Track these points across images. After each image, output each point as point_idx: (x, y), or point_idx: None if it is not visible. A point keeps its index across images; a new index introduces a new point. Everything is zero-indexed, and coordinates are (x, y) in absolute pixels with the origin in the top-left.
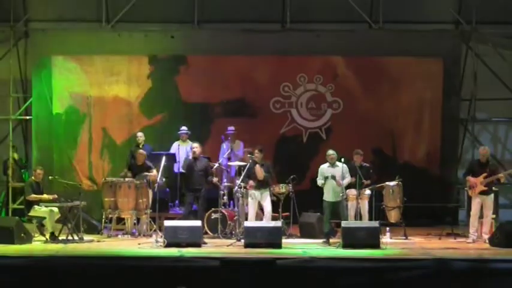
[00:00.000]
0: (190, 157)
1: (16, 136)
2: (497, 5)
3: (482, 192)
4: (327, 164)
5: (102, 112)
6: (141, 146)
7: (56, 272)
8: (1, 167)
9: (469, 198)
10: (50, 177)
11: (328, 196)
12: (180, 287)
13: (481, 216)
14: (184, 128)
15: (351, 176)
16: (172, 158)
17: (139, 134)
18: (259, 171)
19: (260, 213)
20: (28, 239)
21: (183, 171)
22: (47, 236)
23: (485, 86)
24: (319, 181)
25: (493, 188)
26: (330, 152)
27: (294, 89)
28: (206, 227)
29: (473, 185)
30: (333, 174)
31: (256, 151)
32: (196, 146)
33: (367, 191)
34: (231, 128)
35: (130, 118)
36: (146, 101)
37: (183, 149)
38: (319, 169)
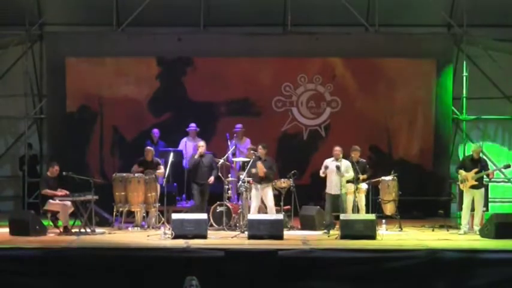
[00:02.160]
0: (197, 155)
1: (31, 134)
2: (487, 10)
3: (473, 187)
4: (331, 159)
5: (112, 111)
6: (155, 142)
7: (69, 262)
8: (18, 163)
9: (461, 192)
10: (64, 172)
11: (329, 189)
12: (190, 277)
13: (472, 209)
14: (193, 124)
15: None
16: (179, 154)
17: (155, 130)
18: (261, 168)
19: (262, 206)
20: (43, 231)
21: (189, 167)
22: (61, 228)
23: (476, 85)
24: (321, 172)
25: (483, 182)
26: (337, 148)
27: (294, 89)
28: (212, 220)
29: (464, 179)
30: (337, 165)
31: (260, 147)
32: (202, 145)
33: (364, 185)
34: (239, 125)
35: (140, 116)
36: (154, 100)
37: (191, 145)
38: (324, 162)
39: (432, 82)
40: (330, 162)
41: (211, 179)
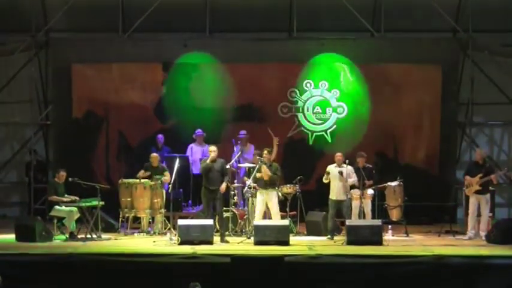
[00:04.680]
0: (209, 161)
1: (37, 140)
2: (493, 15)
3: (477, 192)
4: (334, 165)
5: (118, 117)
6: (160, 148)
7: (75, 268)
8: (24, 169)
9: (467, 197)
10: (70, 178)
11: (332, 195)
12: (193, 284)
13: (478, 215)
14: (199, 130)
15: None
16: (185, 160)
17: (160, 136)
18: (266, 171)
19: (267, 212)
20: (49, 237)
21: (198, 172)
22: (67, 234)
23: (482, 90)
24: (324, 178)
25: (490, 187)
26: (338, 154)
27: (300, 95)
28: (218, 225)
29: (469, 184)
30: (340, 170)
31: (265, 152)
32: (214, 150)
33: (370, 191)
34: (243, 132)
35: (145, 122)
36: (160, 106)
37: (198, 151)
38: (327, 168)
39: (438, 87)
40: (332, 168)
41: (223, 186)
